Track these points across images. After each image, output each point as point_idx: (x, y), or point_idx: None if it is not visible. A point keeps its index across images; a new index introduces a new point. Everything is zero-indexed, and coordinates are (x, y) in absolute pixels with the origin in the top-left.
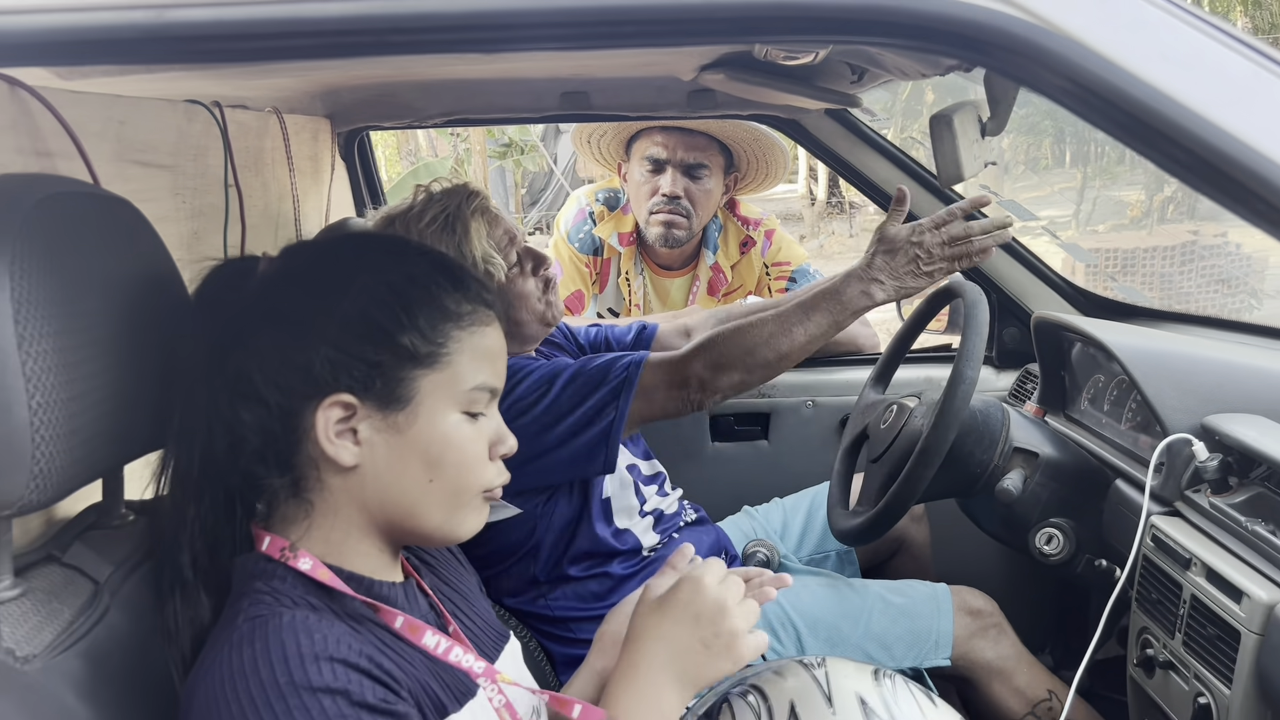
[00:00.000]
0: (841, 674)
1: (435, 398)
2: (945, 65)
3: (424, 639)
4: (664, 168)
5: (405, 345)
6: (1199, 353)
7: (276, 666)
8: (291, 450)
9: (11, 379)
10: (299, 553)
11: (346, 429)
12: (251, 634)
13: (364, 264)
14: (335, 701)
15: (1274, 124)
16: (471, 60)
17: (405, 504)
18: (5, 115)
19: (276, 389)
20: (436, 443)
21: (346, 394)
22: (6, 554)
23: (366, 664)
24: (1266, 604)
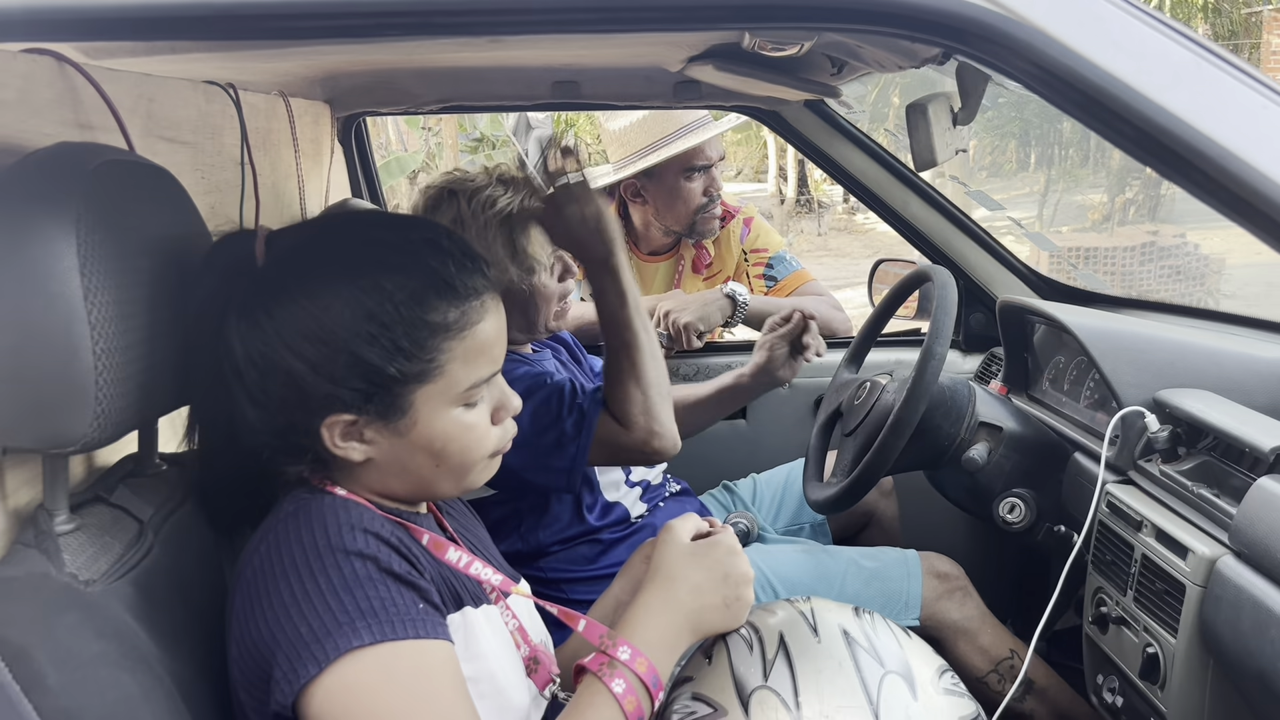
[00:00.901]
0: (825, 609)
1: (431, 404)
2: (921, 57)
3: (447, 554)
4: (710, 169)
5: (393, 373)
6: (1152, 333)
7: (316, 532)
8: (305, 448)
9: (79, 326)
10: (333, 484)
11: (353, 434)
12: (295, 512)
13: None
14: (365, 565)
15: (1209, 104)
16: (468, 48)
17: (416, 483)
18: (53, 89)
19: (278, 405)
20: (438, 438)
21: (346, 414)
22: (64, 490)
23: (395, 541)
24: (1209, 558)
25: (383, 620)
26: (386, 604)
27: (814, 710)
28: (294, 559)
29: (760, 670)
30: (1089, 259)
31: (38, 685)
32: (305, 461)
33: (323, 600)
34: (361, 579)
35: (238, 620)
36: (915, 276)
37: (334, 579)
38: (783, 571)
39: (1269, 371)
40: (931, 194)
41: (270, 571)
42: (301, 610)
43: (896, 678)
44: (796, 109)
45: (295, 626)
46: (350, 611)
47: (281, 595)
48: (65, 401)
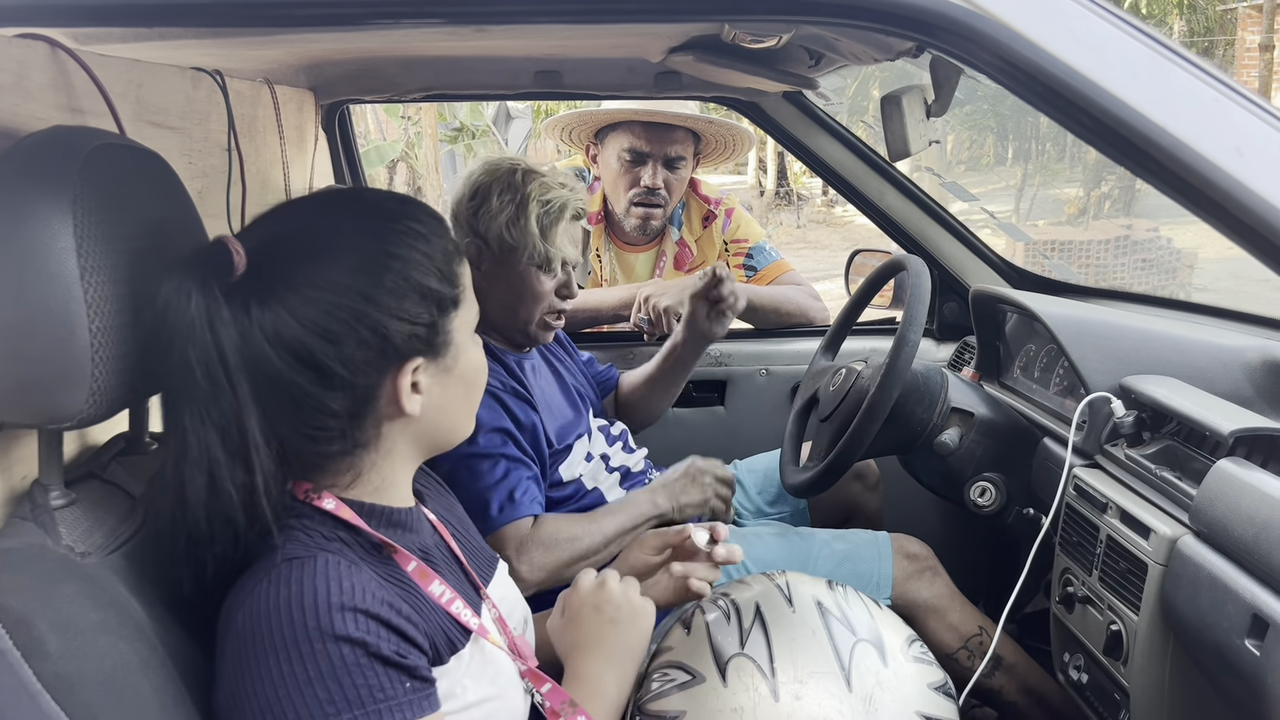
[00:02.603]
0: (800, 582)
1: (463, 332)
2: (896, 50)
3: (430, 586)
4: (645, 160)
5: (446, 296)
6: (1119, 321)
7: (307, 611)
8: (365, 421)
9: (76, 305)
10: (322, 494)
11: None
12: (289, 574)
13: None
14: (354, 651)
15: (1163, 97)
16: (452, 37)
17: (451, 424)
18: (46, 74)
19: (355, 370)
20: (473, 368)
21: (419, 358)
22: (59, 465)
23: (388, 613)
24: (1170, 538)
25: (369, 710)
26: (375, 691)
27: (789, 676)
28: (283, 636)
29: (737, 639)
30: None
31: (38, 651)
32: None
33: (311, 689)
34: (350, 666)
35: (227, 677)
36: (890, 266)
37: (322, 667)
38: (757, 553)
39: (1231, 359)
40: (907, 185)
41: (259, 643)
42: (290, 697)
43: (867, 645)
44: (775, 100)
45: (283, 711)
46: (338, 703)
47: (270, 675)
48: (62, 378)
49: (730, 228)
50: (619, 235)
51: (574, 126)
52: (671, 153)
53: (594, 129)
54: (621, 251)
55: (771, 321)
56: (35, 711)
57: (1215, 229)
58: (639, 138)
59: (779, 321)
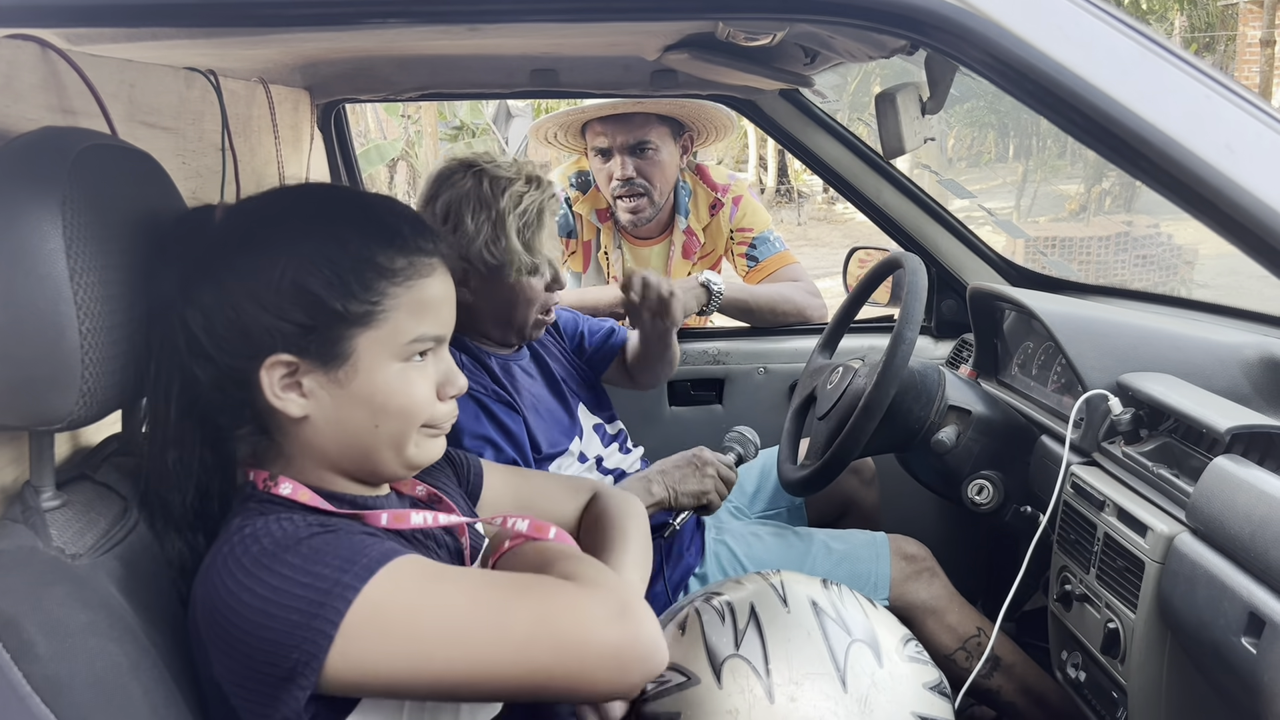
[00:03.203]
0: (795, 581)
1: (373, 353)
2: (890, 48)
3: (411, 520)
4: (611, 154)
5: (336, 309)
6: (1117, 318)
7: (266, 540)
8: (246, 403)
9: (65, 306)
10: (279, 480)
11: (292, 383)
12: (243, 533)
13: (298, 227)
14: (323, 537)
15: (1154, 94)
16: (447, 36)
17: (357, 446)
18: (36, 75)
19: (220, 349)
20: (379, 393)
21: (285, 354)
22: (50, 467)
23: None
24: (1167, 536)
25: (359, 564)
26: (357, 550)
27: (784, 677)
28: (248, 571)
29: (732, 640)
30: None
31: (27, 654)
32: (246, 423)
33: (297, 582)
34: (328, 545)
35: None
36: (887, 263)
37: (298, 560)
38: (753, 553)
39: (1228, 356)
40: (904, 182)
41: (226, 593)
42: (282, 601)
43: (863, 646)
44: (772, 98)
45: (286, 616)
46: (329, 576)
47: (256, 596)
48: (52, 380)
49: (737, 216)
50: (628, 230)
51: (555, 131)
52: (632, 140)
53: (575, 133)
54: (634, 246)
55: (768, 320)
56: (25, 714)
57: (1207, 226)
58: (598, 134)
59: (775, 320)
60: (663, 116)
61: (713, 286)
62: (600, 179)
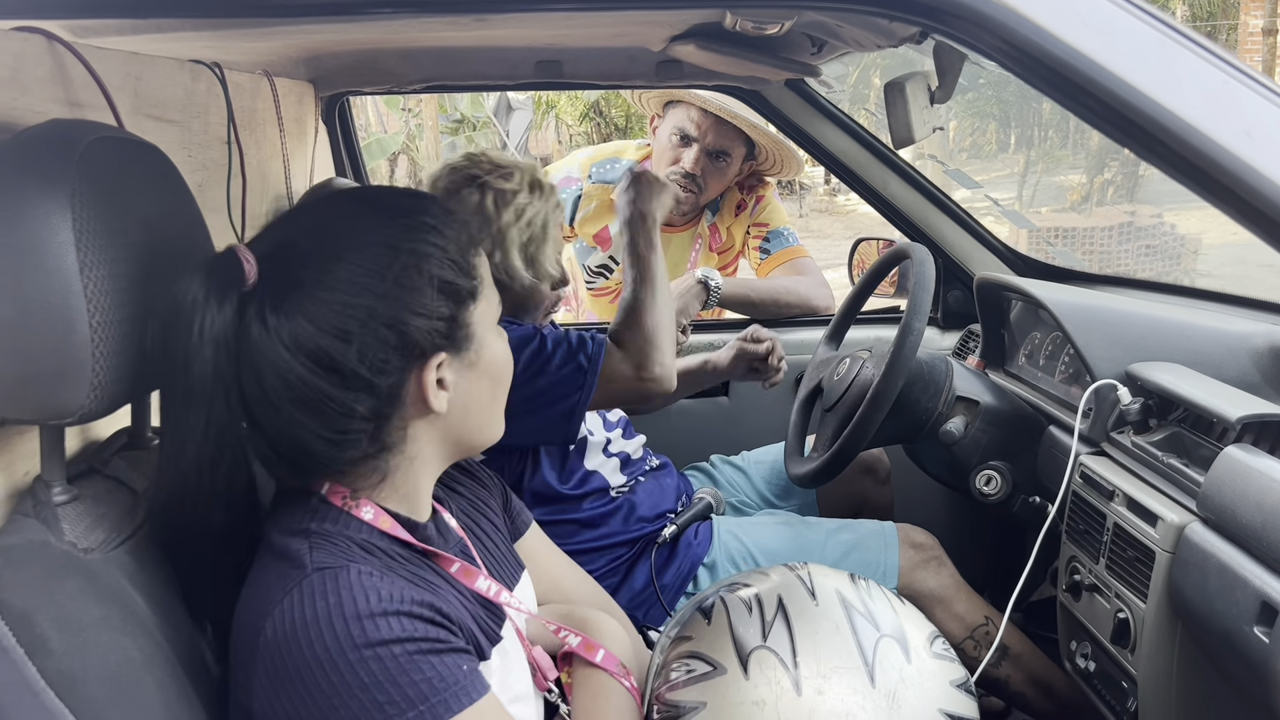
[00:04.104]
0: (822, 574)
1: (484, 325)
2: (899, 36)
3: (477, 582)
4: (691, 144)
5: (464, 289)
6: (1125, 308)
7: (349, 621)
8: (390, 420)
9: (75, 300)
10: (361, 502)
11: (435, 380)
12: (322, 586)
13: (388, 223)
14: (404, 649)
15: (1171, 80)
16: (452, 28)
17: (479, 423)
18: (43, 67)
19: (380, 372)
20: (495, 362)
21: (442, 353)
22: (61, 461)
23: (428, 613)
24: (1178, 525)
25: (434, 701)
26: (434, 682)
27: (811, 670)
28: (326, 650)
29: (759, 631)
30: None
31: (41, 648)
32: (373, 447)
33: (366, 695)
34: (403, 665)
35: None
36: (894, 254)
37: (374, 671)
38: (763, 543)
39: (1237, 345)
40: (910, 173)
41: (298, 657)
42: (348, 706)
43: (891, 641)
44: (778, 89)
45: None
46: (399, 703)
47: (316, 690)
48: (62, 373)
49: (758, 211)
50: None
51: (646, 93)
52: (718, 145)
53: (664, 100)
54: None
55: (771, 313)
56: (39, 709)
57: (1224, 213)
58: (693, 121)
59: (779, 312)
60: (746, 139)
61: (710, 283)
62: (664, 157)
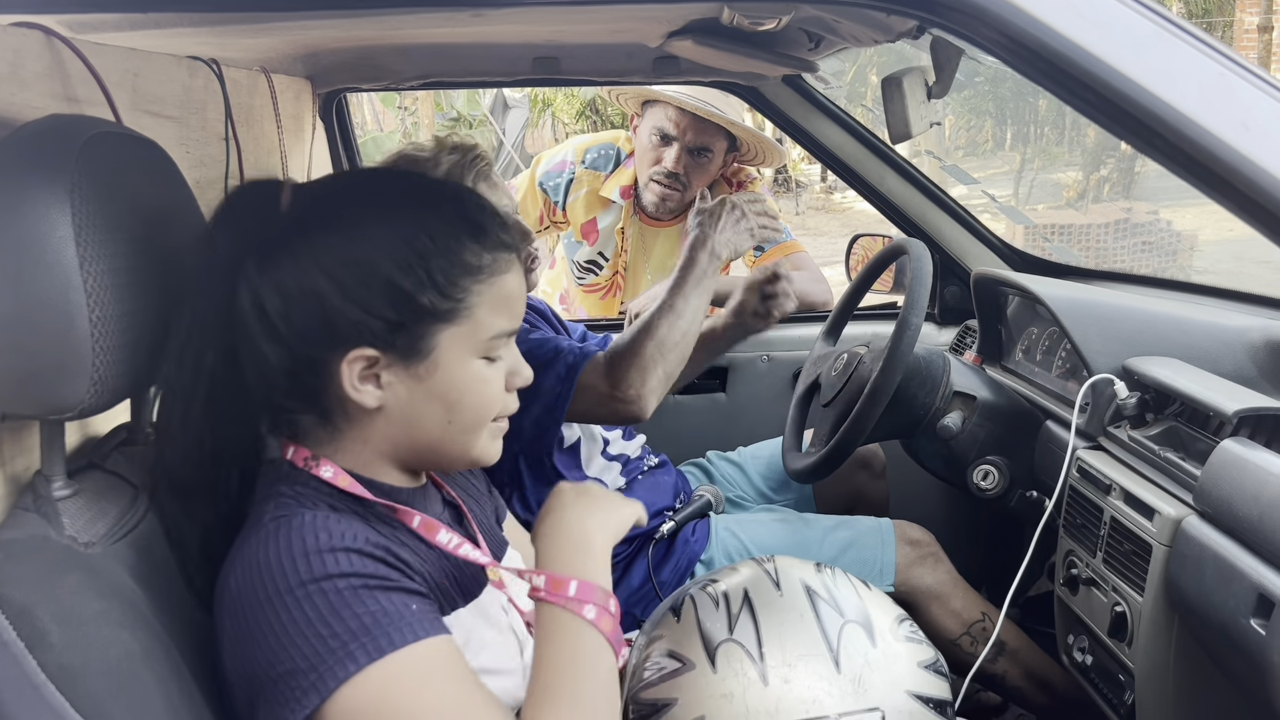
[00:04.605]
0: (789, 566)
1: (455, 349)
2: (897, 31)
3: (438, 536)
4: (671, 143)
5: (425, 304)
6: (1121, 303)
7: (297, 558)
8: (318, 390)
9: (75, 295)
10: (320, 461)
11: (369, 375)
12: (275, 531)
13: (386, 215)
14: (348, 583)
15: (1169, 72)
16: (449, 24)
17: (426, 440)
18: (41, 63)
19: (299, 337)
20: (456, 389)
21: (368, 349)
22: (61, 456)
23: (380, 552)
24: (1174, 519)
25: (376, 634)
26: (378, 616)
27: (777, 659)
28: (275, 588)
29: (725, 624)
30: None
31: (41, 643)
32: (311, 409)
33: (311, 628)
34: (346, 599)
35: (228, 641)
36: (891, 250)
37: (319, 604)
38: (760, 540)
39: (1234, 339)
40: (907, 169)
41: (255, 599)
42: (294, 641)
43: (856, 626)
44: (775, 85)
45: (290, 657)
46: (341, 635)
47: (269, 627)
48: (62, 368)
49: None
50: (644, 210)
51: (624, 92)
52: (698, 143)
53: (641, 99)
54: (645, 226)
55: None
56: (39, 703)
57: (1222, 205)
58: (671, 120)
59: None
60: (726, 133)
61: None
62: (645, 157)
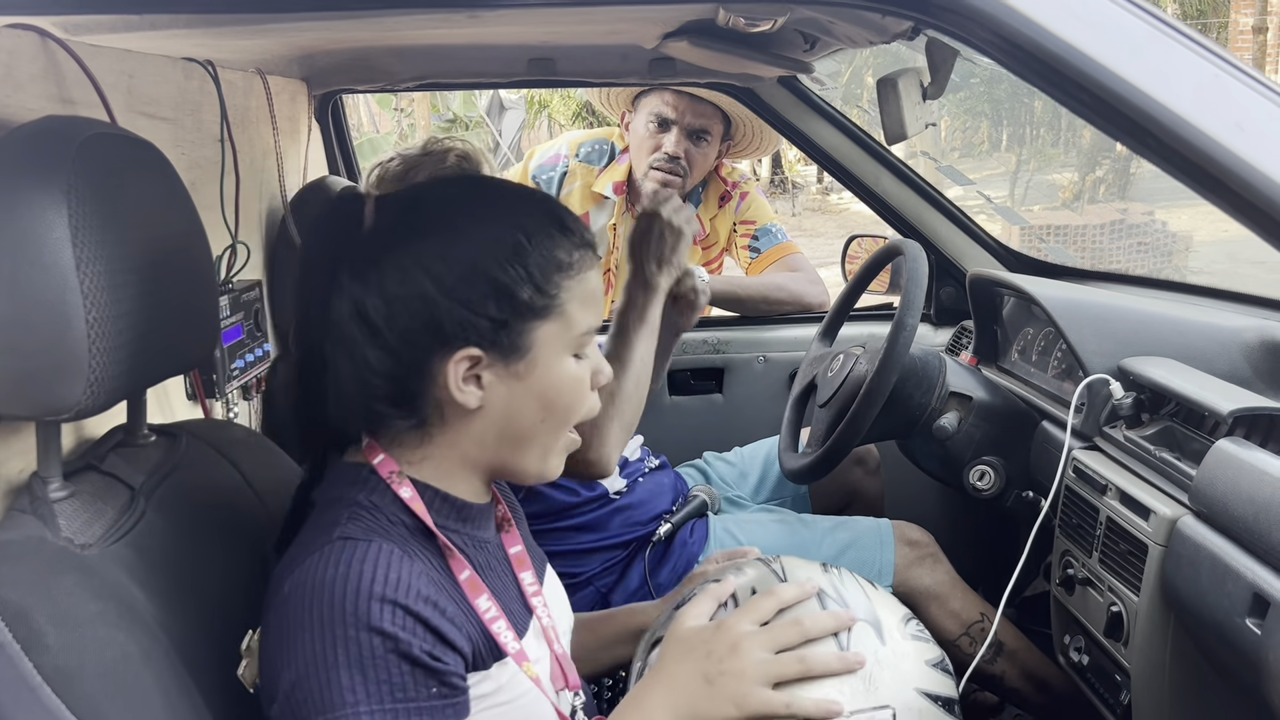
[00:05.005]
0: (795, 565)
1: (551, 346)
2: (892, 32)
3: (478, 600)
4: (670, 127)
5: (525, 300)
6: (1117, 303)
7: (349, 595)
8: (418, 394)
9: (72, 296)
10: (404, 480)
11: (471, 375)
12: (340, 553)
13: (482, 217)
14: (383, 644)
15: (1163, 73)
16: (445, 25)
17: (518, 440)
18: (37, 64)
19: (405, 341)
20: (552, 386)
21: (474, 348)
22: (58, 457)
23: (429, 611)
24: (1170, 519)
25: (386, 708)
26: (395, 690)
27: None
28: (322, 615)
29: None
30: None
31: (37, 644)
32: (413, 413)
33: (336, 673)
34: (376, 658)
35: (271, 638)
36: (887, 251)
37: (350, 653)
38: (758, 540)
39: (1229, 339)
40: (903, 170)
41: (300, 615)
42: (319, 674)
43: (865, 625)
44: (770, 86)
45: (308, 686)
46: (357, 691)
47: (305, 648)
48: (59, 370)
49: (742, 209)
50: (638, 207)
51: (612, 90)
52: (697, 124)
53: (632, 95)
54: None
55: (761, 310)
56: (36, 705)
57: (1216, 206)
58: (668, 104)
59: (769, 310)
60: (723, 115)
61: (696, 282)
62: (643, 147)
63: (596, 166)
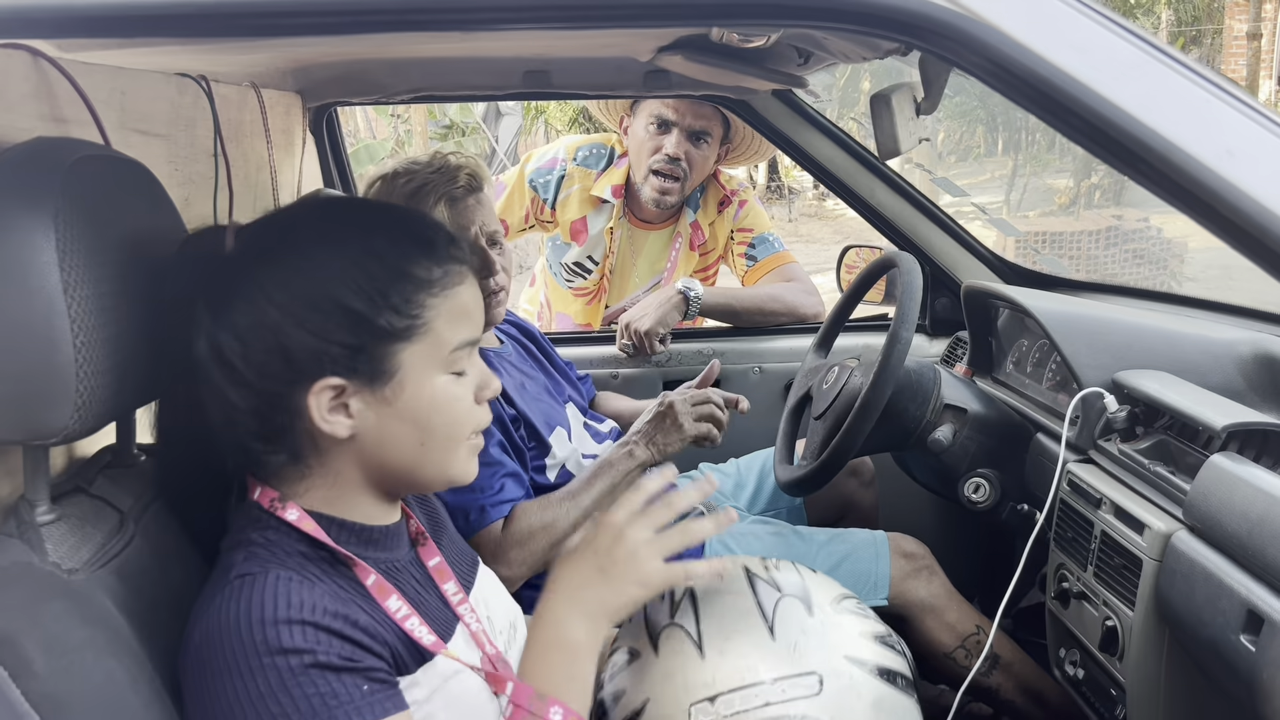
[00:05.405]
0: (733, 561)
1: (419, 367)
2: (884, 49)
3: (388, 601)
4: (670, 129)
5: (382, 325)
6: (1111, 316)
7: (254, 627)
8: (286, 429)
9: (59, 320)
10: (287, 505)
11: (338, 405)
12: (239, 591)
13: (330, 241)
14: (299, 660)
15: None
16: (440, 39)
17: (402, 464)
18: (29, 84)
19: (261, 375)
20: (425, 408)
21: (334, 377)
22: (45, 481)
23: (339, 624)
24: (1165, 533)
25: (324, 717)
26: (327, 698)
27: (714, 634)
28: (233, 653)
29: (668, 611)
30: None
31: (25, 671)
32: (282, 449)
33: (262, 703)
34: (297, 676)
35: (189, 694)
36: (881, 263)
37: (271, 680)
38: (753, 552)
39: (1223, 352)
40: (897, 181)
41: (213, 662)
42: (245, 712)
43: (793, 599)
44: (765, 98)
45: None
46: (290, 714)
47: (224, 693)
48: (46, 393)
49: (740, 217)
50: (635, 212)
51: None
52: (698, 126)
53: (630, 101)
54: (635, 229)
55: (756, 321)
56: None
57: (1207, 230)
58: (668, 106)
59: (764, 321)
60: (722, 118)
61: (689, 293)
62: (643, 149)
63: (594, 170)
